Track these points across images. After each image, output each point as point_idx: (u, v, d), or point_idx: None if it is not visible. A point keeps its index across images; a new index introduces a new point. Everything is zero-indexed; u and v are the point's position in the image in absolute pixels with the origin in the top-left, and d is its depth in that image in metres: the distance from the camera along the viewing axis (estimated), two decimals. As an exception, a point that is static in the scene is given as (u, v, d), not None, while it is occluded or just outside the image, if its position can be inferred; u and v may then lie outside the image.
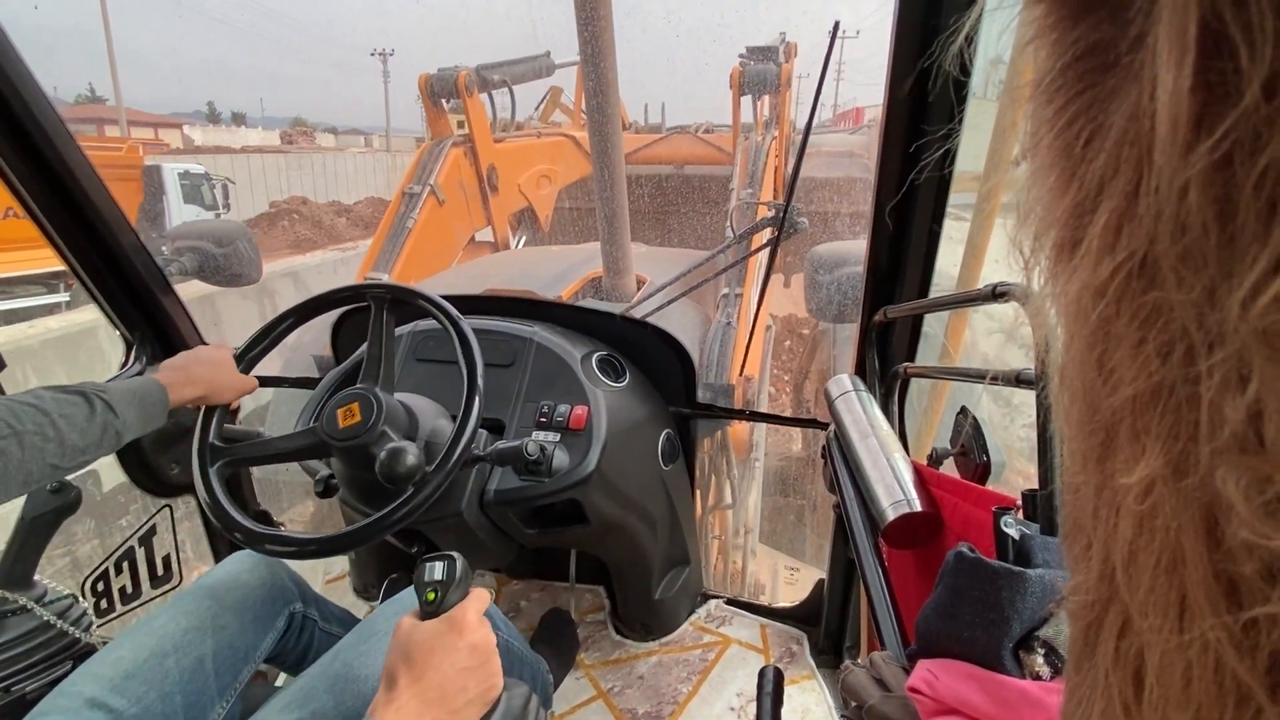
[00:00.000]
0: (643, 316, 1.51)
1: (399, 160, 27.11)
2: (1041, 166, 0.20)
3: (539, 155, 6.03)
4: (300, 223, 17.16)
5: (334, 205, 19.41)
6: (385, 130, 37.84)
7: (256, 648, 1.02)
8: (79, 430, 0.88)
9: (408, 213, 4.41)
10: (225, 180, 13.15)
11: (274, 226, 16.50)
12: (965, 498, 0.84)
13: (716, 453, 1.91)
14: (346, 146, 33.14)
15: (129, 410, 0.95)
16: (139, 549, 1.55)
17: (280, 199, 18.30)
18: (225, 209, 13.01)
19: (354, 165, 23.71)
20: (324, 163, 22.34)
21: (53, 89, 34.11)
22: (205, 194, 12.35)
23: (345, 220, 18.54)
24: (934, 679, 0.53)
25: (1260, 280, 0.13)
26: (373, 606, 1.78)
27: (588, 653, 1.68)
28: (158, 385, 1.01)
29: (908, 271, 1.14)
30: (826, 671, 1.61)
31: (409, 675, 0.69)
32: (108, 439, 0.92)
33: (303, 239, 15.85)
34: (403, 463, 0.96)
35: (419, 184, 4.57)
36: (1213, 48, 0.13)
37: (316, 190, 20.36)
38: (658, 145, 6.68)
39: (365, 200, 21.27)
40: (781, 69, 4.81)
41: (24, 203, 1.25)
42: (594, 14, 2.90)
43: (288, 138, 35.08)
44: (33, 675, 1.03)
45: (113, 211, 1.34)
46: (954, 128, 0.97)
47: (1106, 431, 0.19)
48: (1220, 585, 0.15)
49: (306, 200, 18.59)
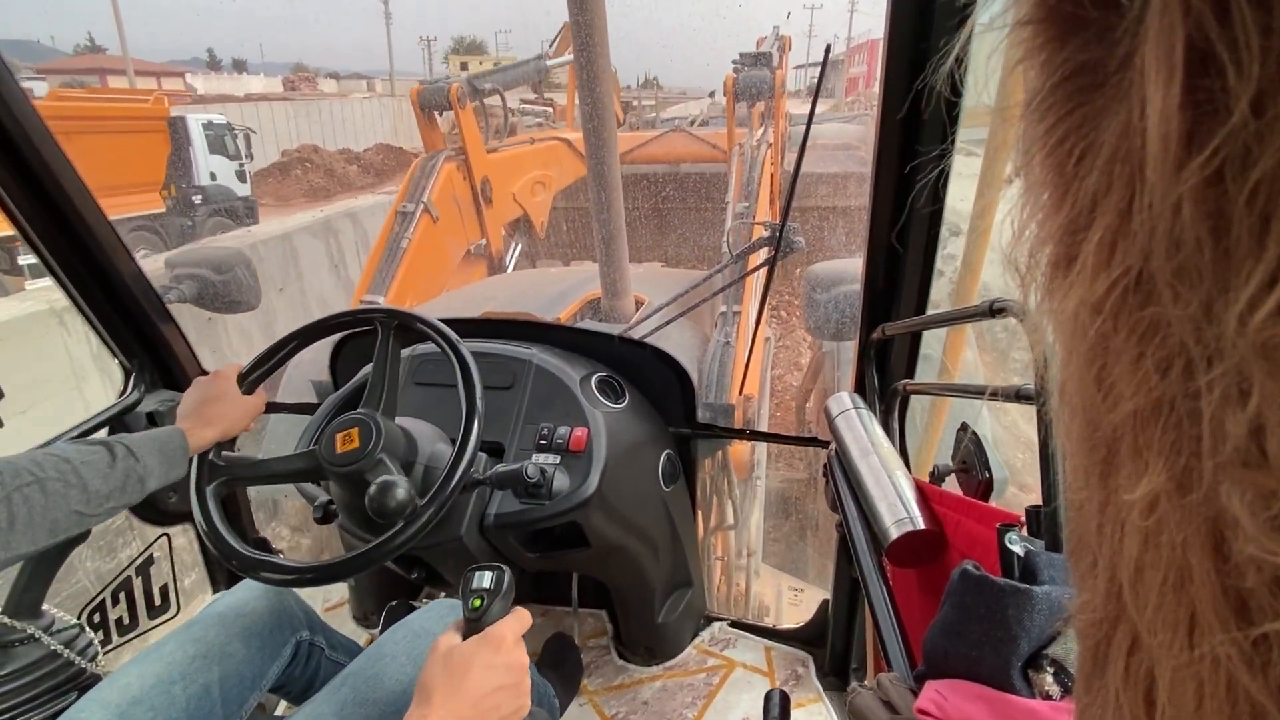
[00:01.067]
0: (641, 337, 1.52)
1: (404, 105, 27.48)
2: (1034, 184, 0.20)
3: (532, 162, 6.02)
4: (313, 171, 17.23)
5: (344, 153, 19.41)
6: (389, 74, 37.03)
7: (263, 676, 1.02)
8: (101, 476, 0.89)
9: (402, 232, 4.37)
10: (247, 130, 13.09)
11: (287, 176, 16.53)
12: (968, 515, 0.84)
13: (718, 473, 1.89)
14: (350, 92, 32.73)
15: (150, 457, 0.95)
16: (136, 579, 1.53)
17: (290, 148, 18.24)
18: (249, 158, 13.05)
19: (361, 111, 23.66)
20: (331, 109, 22.26)
21: (50, 38, 33.39)
22: (229, 144, 12.37)
23: (356, 168, 18.57)
24: (943, 700, 0.52)
25: (1256, 294, 0.13)
26: (372, 635, 1.76)
27: (591, 678, 1.65)
28: (177, 433, 1.01)
29: (905, 289, 1.15)
30: (833, 694, 1.58)
31: (446, 689, 0.70)
32: (131, 485, 0.92)
33: (316, 188, 15.89)
34: (393, 497, 0.95)
35: (412, 202, 4.51)
36: (1200, 66, 0.14)
37: (325, 138, 20.33)
38: (653, 144, 6.69)
39: (375, 147, 21.23)
40: (775, 74, 4.84)
41: (22, 230, 1.25)
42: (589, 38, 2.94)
43: (290, 84, 34.68)
44: (40, 705, 1.02)
45: (110, 238, 1.34)
46: (947, 148, 0.98)
47: (1108, 447, 0.18)
48: (1229, 601, 0.15)
49: (318, 148, 18.62)
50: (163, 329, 1.48)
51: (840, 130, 9.31)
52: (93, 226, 1.30)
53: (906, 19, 0.91)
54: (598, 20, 2.96)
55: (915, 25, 0.91)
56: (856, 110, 27.04)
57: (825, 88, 32.35)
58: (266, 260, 6.89)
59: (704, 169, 6.65)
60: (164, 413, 1.47)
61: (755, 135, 4.92)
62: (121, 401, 1.45)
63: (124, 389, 1.48)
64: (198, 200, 11.73)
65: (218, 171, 12.11)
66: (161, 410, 1.47)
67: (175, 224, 11.27)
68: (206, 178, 11.90)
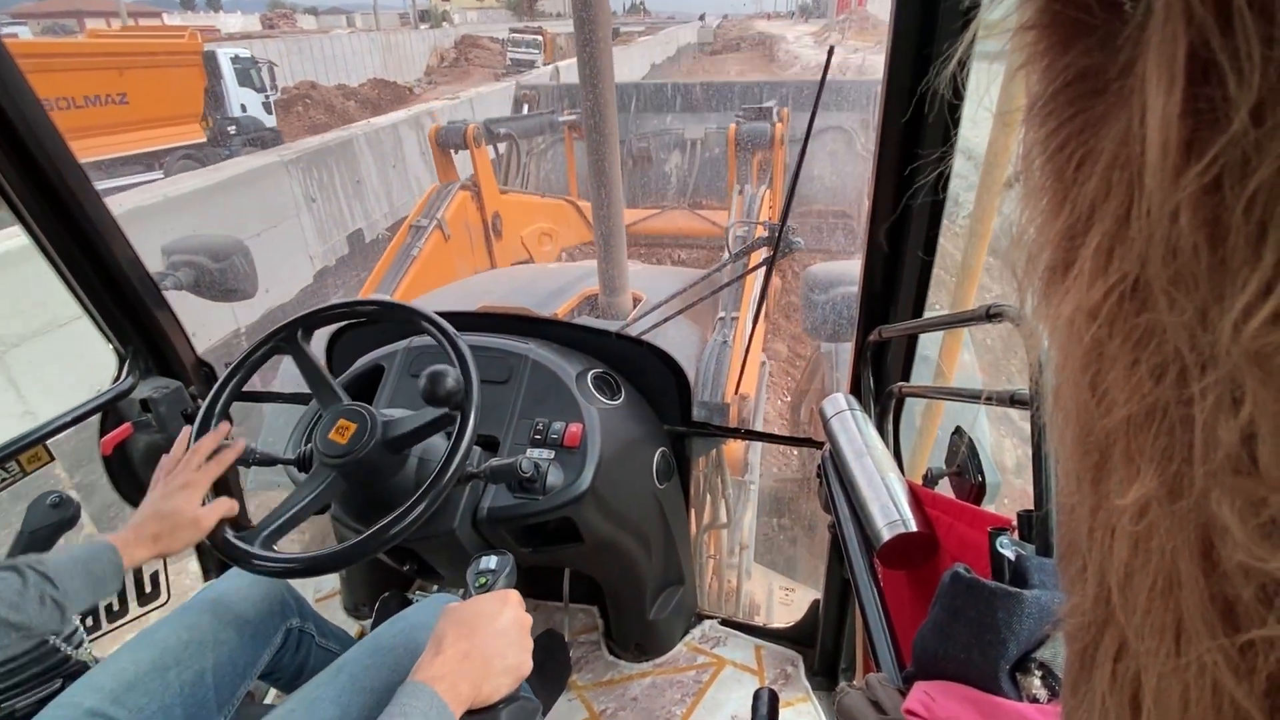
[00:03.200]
0: (639, 334, 1.52)
1: (392, 39, 27.34)
2: (1034, 189, 0.20)
3: (541, 213, 6.29)
4: (313, 107, 17.49)
5: (341, 89, 19.70)
6: (374, 7, 37.00)
7: (255, 662, 1.03)
8: (10, 605, 0.82)
9: (413, 243, 4.57)
10: (270, 63, 13.79)
11: (289, 112, 16.74)
12: (960, 518, 0.84)
13: (711, 471, 1.90)
14: (330, 28, 32.57)
15: (71, 580, 0.87)
16: (126, 565, 1.53)
17: (288, 84, 18.41)
18: (274, 90, 13.79)
19: (349, 47, 24.09)
20: (319, 45, 22.59)
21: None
22: (255, 78, 13.03)
23: (354, 103, 18.85)
24: (931, 701, 0.53)
25: (1252, 302, 0.13)
26: (364, 627, 1.76)
27: (580, 674, 1.66)
28: (108, 549, 0.93)
29: (902, 291, 1.15)
30: (822, 694, 1.59)
31: (456, 634, 0.77)
32: (47, 612, 0.84)
33: (318, 123, 16.10)
34: (443, 385, 1.01)
35: (426, 219, 4.76)
36: (1201, 75, 0.14)
37: (318, 74, 20.61)
38: (655, 219, 6.91)
39: (369, 82, 21.70)
40: (775, 128, 5.18)
41: (18, 213, 1.24)
42: (592, 35, 2.94)
43: (269, 21, 34.51)
44: (24, 691, 1.02)
45: (107, 223, 1.33)
46: (947, 151, 0.98)
47: (1100, 453, 0.19)
48: (1217, 608, 0.15)
49: (315, 84, 18.85)
50: (158, 316, 1.48)
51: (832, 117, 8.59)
52: (89, 211, 1.30)
53: (911, 21, 0.91)
54: (601, 13, 2.96)
55: (919, 28, 0.91)
56: (847, 30, 26.52)
57: (816, 7, 32.69)
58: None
59: (703, 242, 6.87)
60: (158, 399, 1.46)
61: (755, 177, 5.10)
62: (115, 388, 1.44)
63: (118, 375, 1.48)
64: (232, 131, 12.48)
65: (247, 104, 12.83)
66: (156, 397, 1.46)
67: (214, 153, 11.92)
68: (238, 109, 12.68)
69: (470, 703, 0.74)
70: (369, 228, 10.20)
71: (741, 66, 27.09)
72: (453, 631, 0.77)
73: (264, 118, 13.30)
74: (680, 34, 33.11)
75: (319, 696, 0.89)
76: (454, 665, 0.74)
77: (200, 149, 12.06)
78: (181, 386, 1.52)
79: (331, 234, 9.51)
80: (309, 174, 8.91)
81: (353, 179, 9.74)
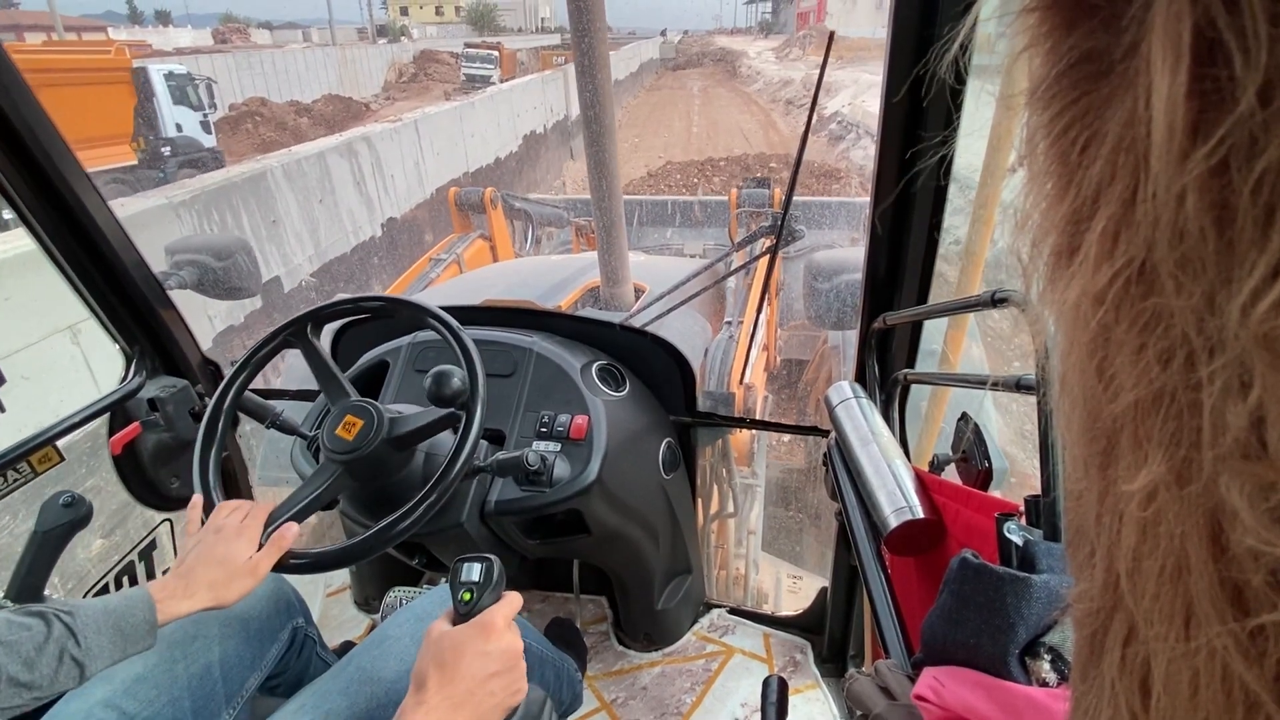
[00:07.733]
0: (642, 325, 1.51)
1: (348, 54, 26.60)
2: (1038, 173, 0.20)
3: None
4: (263, 124, 16.81)
5: (293, 105, 19.15)
6: (329, 22, 36.56)
7: (262, 658, 1.03)
8: (23, 662, 0.73)
9: (430, 271, 4.94)
10: (208, 80, 12.87)
11: (237, 130, 16.04)
12: (967, 504, 0.84)
13: (718, 461, 1.90)
14: (285, 43, 32.04)
15: (98, 636, 0.79)
16: (139, 563, 1.54)
17: (237, 101, 17.83)
18: (213, 108, 12.88)
19: (303, 62, 23.48)
20: (272, 60, 21.89)
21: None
22: (191, 95, 12.26)
23: (307, 120, 18.23)
24: (940, 687, 0.53)
25: (1259, 286, 0.13)
26: (374, 620, 1.77)
27: (591, 664, 1.67)
28: (145, 602, 0.84)
29: (906, 278, 1.14)
30: (831, 680, 1.60)
31: (439, 677, 0.71)
32: (64, 671, 0.76)
33: (269, 141, 15.36)
34: (449, 386, 1.02)
35: (447, 254, 5.19)
36: (1207, 55, 0.13)
37: (269, 90, 20.03)
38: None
39: (324, 98, 21.00)
40: (773, 192, 5.52)
41: (22, 216, 1.25)
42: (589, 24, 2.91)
43: (220, 36, 34.06)
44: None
45: (111, 224, 1.34)
46: (949, 134, 0.97)
47: (1108, 438, 0.18)
48: (1226, 592, 0.15)
49: (266, 101, 18.29)
50: (163, 315, 1.48)
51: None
52: (93, 212, 1.30)
53: (912, 3, 0.90)
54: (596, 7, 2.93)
55: (920, 10, 0.90)
56: (808, 46, 26.14)
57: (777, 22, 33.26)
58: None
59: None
60: (166, 399, 1.47)
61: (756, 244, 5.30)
62: (122, 388, 1.45)
63: (125, 375, 1.48)
64: (167, 152, 11.69)
65: (183, 123, 12.06)
66: (163, 396, 1.47)
67: (147, 176, 11.12)
68: (173, 129, 11.87)
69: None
70: (289, 274, 8.31)
71: (704, 82, 26.45)
72: (434, 673, 0.71)
73: (202, 137, 12.34)
74: (643, 49, 32.49)
75: (328, 689, 0.91)
76: (441, 711, 0.69)
77: (132, 172, 11.12)
78: (188, 385, 1.52)
79: (237, 286, 8.29)
80: (205, 218, 7.13)
81: (267, 219, 8.02)
